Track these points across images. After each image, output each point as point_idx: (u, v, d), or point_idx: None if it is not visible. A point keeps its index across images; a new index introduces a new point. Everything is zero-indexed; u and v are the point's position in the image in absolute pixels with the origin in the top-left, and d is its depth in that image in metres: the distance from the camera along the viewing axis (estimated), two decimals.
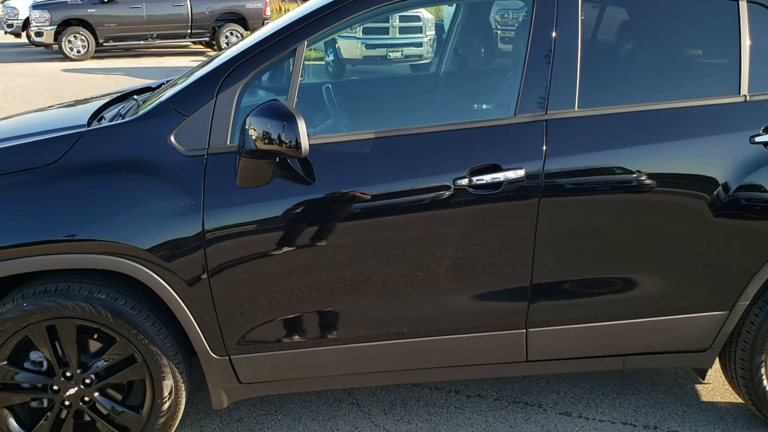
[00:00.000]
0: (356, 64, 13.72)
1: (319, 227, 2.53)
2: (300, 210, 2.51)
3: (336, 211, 2.53)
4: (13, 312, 2.49)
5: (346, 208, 2.53)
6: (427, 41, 13.70)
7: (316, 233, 2.53)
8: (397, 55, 13.94)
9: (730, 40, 2.72)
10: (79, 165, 2.51)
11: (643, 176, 2.62)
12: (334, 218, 2.53)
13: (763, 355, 2.84)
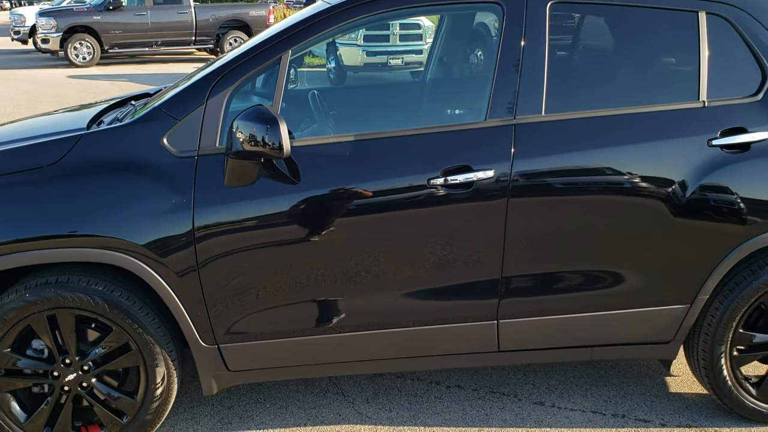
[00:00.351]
0: (357, 71, 13.93)
1: (301, 224, 2.71)
2: (283, 208, 2.69)
3: (317, 209, 2.71)
4: (16, 302, 2.67)
5: (327, 206, 2.71)
6: (427, 48, 13.90)
7: (299, 230, 2.71)
8: (398, 62, 14.16)
9: (690, 50, 2.90)
10: (79, 165, 2.70)
11: (606, 177, 2.79)
12: (315, 215, 2.71)
13: (722, 347, 3.01)
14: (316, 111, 3.40)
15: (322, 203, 2.71)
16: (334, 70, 13.81)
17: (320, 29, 2.81)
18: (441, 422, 3.14)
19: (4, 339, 2.71)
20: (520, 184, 2.73)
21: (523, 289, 2.86)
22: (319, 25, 2.81)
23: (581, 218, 2.81)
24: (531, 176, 2.75)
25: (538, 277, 2.86)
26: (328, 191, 2.71)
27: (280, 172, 2.69)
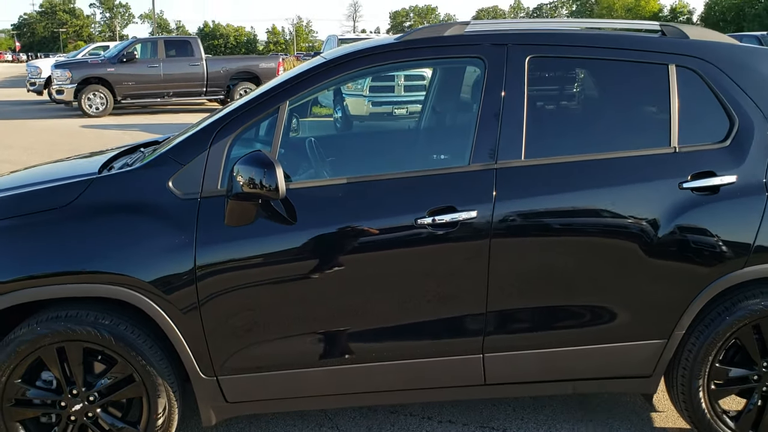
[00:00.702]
0: (363, 120, 14.26)
1: (296, 262, 2.89)
2: (280, 246, 2.88)
3: (311, 248, 2.89)
4: (28, 335, 2.85)
5: (321, 245, 2.90)
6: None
7: (294, 267, 2.89)
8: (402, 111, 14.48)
9: (662, 99, 3.10)
10: (90, 207, 2.90)
11: (583, 218, 2.97)
12: (310, 254, 2.89)
13: (700, 381, 3.13)
14: (312, 156, 3.61)
15: (316, 242, 2.89)
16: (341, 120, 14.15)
17: (316, 82, 3.05)
18: None
19: (16, 370, 2.88)
20: (501, 225, 2.91)
21: (507, 324, 3.01)
22: (315, 78, 3.05)
23: (560, 257, 2.98)
24: (512, 217, 2.93)
25: (521, 312, 3.01)
26: (322, 231, 2.90)
27: (277, 213, 2.88)
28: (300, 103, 3.19)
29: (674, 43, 3.18)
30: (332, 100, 15.77)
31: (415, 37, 3.16)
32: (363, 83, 15.08)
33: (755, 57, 3.22)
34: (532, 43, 3.10)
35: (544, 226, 2.97)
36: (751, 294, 3.10)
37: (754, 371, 3.16)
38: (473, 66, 3.26)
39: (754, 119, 3.08)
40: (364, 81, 15.09)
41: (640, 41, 3.19)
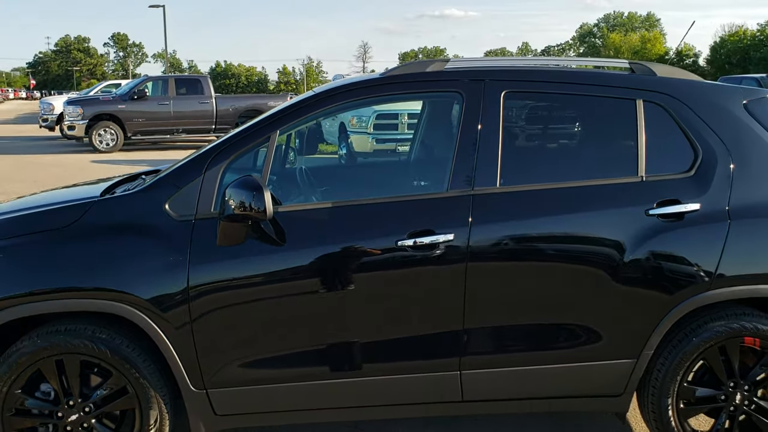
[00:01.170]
0: (367, 157, 14.51)
1: (283, 281, 3.07)
2: (268, 265, 3.07)
3: (297, 268, 3.07)
4: (29, 347, 3.03)
5: (306, 264, 3.08)
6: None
7: (281, 287, 3.07)
8: (406, 148, 14.66)
9: (630, 132, 3.30)
10: (91, 227, 3.11)
11: (554, 242, 3.15)
12: (296, 273, 3.07)
13: (669, 399, 3.27)
14: (302, 183, 3.82)
15: (301, 263, 3.08)
16: (345, 157, 14.39)
17: (305, 113, 3.28)
18: None
19: (17, 381, 3.05)
20: (477, 247, 3.09)
21: (483, 343, 3.17)
22: (304, 110, 3.28)
23: (532, 279, 3.15)
24: (487, 240, 3.11)
25: (496, 331, 3.17)
26: (307, 252, 3.09)
27: (266, 234, 3.07)
28: (290, 132, 3.40)
29: (642, 80, 3.38)
30: (337, 137, 16.08)
31: (398, 73, 3.39)
32: (367, 121, 15.38)
33: (718, 93, 3.42)
34: (508, 79, 3.32)
35: (517, 249, 3.15)
36: (717, 316, 3.25)
37: (721, 391, 3.30)
38: (453, 100, 3.46)
39: (717, 151, 3.26)
40: (368, 119, 15.38)
41: (610, 78, 3.40)
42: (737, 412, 3.31)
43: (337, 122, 16.53)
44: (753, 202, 3.24)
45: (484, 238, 3.11)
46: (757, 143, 3.32)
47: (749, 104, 3.41)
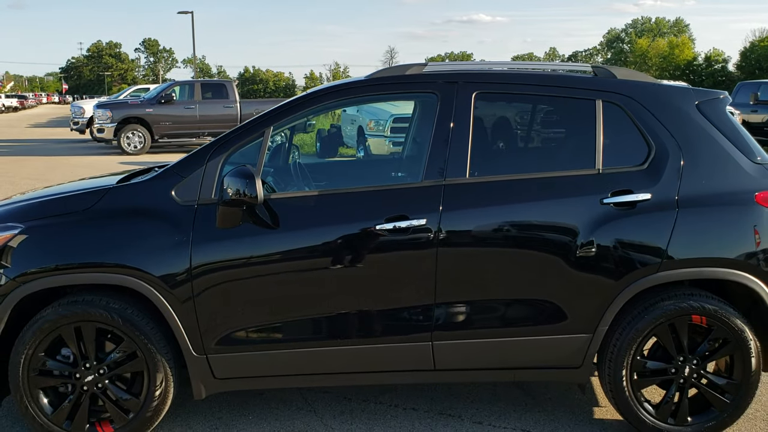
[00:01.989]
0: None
1: (276, 259, 3.47)
2: (261, 245, 3.46)
3: (289, 246, 3.47)
4: (52, 315, 3.46)
5: (295, 246, 3.47)
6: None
7: (274, 263, 3.47)
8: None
9: (590, 129, 3.65)
10: (107, 210, 3.53)
11: (518, 227, 3.51)
12: (288, 251, 3.47)
13: (624, 371, 3.60)
14: (296, 175, 4.22)
15: (291, 243, 3.47)
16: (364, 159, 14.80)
17: (296, 111, 3.68)
18: None
19: (41, 344, 3.48)
20: (447, 231, 3.46)
21: (452, 315, 3.54)
22: (295, 108, 3.68)
23: (497, 259, 3.52)
24: (456, 225, 3.48)
25: (464, 305, 3.54)
26: (297, 234, 3.48)
27: (260, 218, 3.47)
28: (283, 128, 3.81)
29: (602, 82, 3.73)
30: (355, 141, 16.50)
31: (381, 75, 3.78)
32: (385, 125, 15.78)
33: (673, 94, 3.76)
34: (478, 81, 3.69)
35: (484, 233, 3.51)
36: (666, 296, 3.59)
37: (671, 365, 3.63)
38: (429, 100, 3.83)
39: (669, 147, 3.60)
40: (386, 123, 15.77)
41: (572, 80, 3.76)
42: (686, 385, 3.64)
43: (356, 126, 16.97)
44: (700, 193, 3.57)
45: (454, 223, 3.48)
46: (706, 140, 3.65)
47: (701, 105, 3.74)
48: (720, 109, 3.78)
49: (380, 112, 15.51)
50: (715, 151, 3.65)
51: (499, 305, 3.55)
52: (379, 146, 15.25)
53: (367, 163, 5.28)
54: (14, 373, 3.49)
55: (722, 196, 3.60)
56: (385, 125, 15.46)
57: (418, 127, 4.91)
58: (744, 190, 3.61)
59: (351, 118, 17.31)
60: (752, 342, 3.59)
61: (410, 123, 4.97)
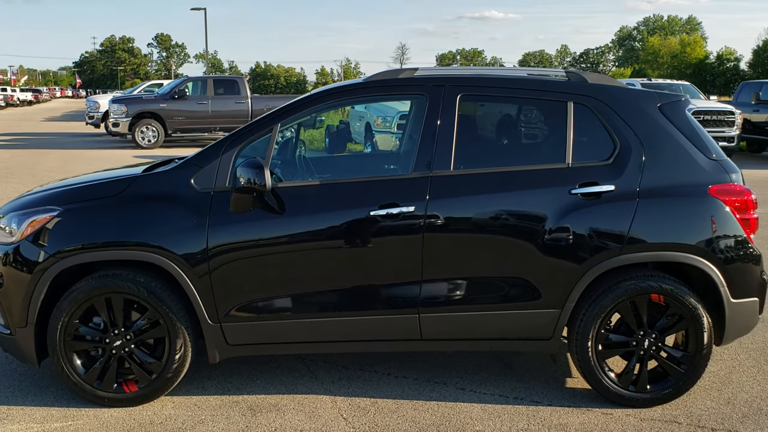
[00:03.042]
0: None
1: (282, 240, 3.94)
2: (270, 228, 3.94)
3: (294, 229, 3.95)
4: (85, 287, 3.94)
5: (300, 228, 3.95)
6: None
7: (280, 243, 3.94)
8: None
9: (561, 128, 4.11)
10: (135, 196, 4.02)
11: (496, 214, 3.97)
12: (293, 233, 3.94)
13: (589, 342, 4.06)
14: (300, 167, 4.71)
15: (296, 226, 3.95)
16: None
17: (301, 110, 4.16)
18: (383, 396, 4.24)
19: (75, 313, 3.97)
20: (433, 216, 3.93)
21: (437, 290, 4.00)
22: (300, 107, 4.16)
23: (477, 242, 3.98)
24: (441, 211, 3.94)
25: (448, 281, 4.00)
26: (301, 218, 3.96)
27: (268, 204, 3.94)
28: (290, 124, 4.28)
29: (574, 85, 4.19)
30: (363, 137, 16.96)
31: (376, 79, 4.25)
32: (392, 121, 16.23)
33: (637, 97, 4.21)
34: (463, 85, 4.16)
35: (466, 219, 3.98)
36: (628, 277, 4.04)
37: (633, 338, 4.09)
38: (419, 101, 4.29)
39: (632, 144, 4.05)
40: (393, 119, 16.21)
41: (547, 84, 4.21)
42: (646, 356, 4.10)
43: (364, 123, 17.43)
44: (660, 186, 4.02)
45: (439, 210, 3.94)
46: (667, 139, 4.11)
47: (663, 107, 4.19)
48: (680, 110, 4.23)
49: (387, 109, 15.94)
50: (674, 148, 4.09)
51: (478, 282, 4.02)
52: (386, 142, 15.70)
53: (365, 157, 5.76)
54: (52, 337, 3.98)
55: (679, 189, 4.05)
56: (392, 122, 15.89)
57: (411, 124, 5.38)
58: (699, 183, 4.06)
59: (359, 115, 17.79)
60: (705, 318, 4.04)
61: (406, 121, 5.44)
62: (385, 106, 16.00)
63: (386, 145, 15.68)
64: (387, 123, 16.40)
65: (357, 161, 5.55)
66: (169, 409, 4.05)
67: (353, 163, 5.47)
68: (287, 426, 3.87)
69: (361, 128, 17.10)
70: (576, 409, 4.11)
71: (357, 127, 17.65)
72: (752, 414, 4.06)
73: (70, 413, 3.99)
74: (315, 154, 5.26)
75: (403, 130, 5.37)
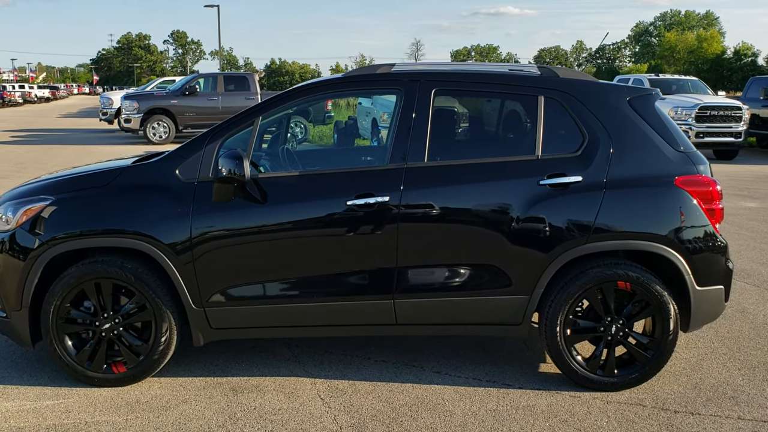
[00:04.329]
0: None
1: (262, 228, 4.13)
2: (251, 216, 4.13)
3: (273, 218, 4.13)
4: (76, 272, 4.15)
5: (280, 216, 4.13)
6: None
7: (260, 232, 4.13)
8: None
9: (532, 120, 4.26)
10: (123, 186, 4.21)
11: (467, 203, 4.14)
12: (272, 222, 4.12)
13: (558, 327, 4.20)
14: (283, 159, 4.89)
15: (277, 214, 4.13)
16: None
17: (281, 104, 4.34)
18: (361, 379, 4.42)
19: (67, 296, 4.17)
20: (407, 206, 4.09)
21: (411, 277, 4.17)
22: (281, 101, 4.34)
23: (449, 231, 4.14)
24: (414, 201, 4.11)
25: (421, 268, 4.17)
26: (281, 207, 4.14)
27: (249, 194, 4.13)
28: (270, 119, 4.46)
29: (544, 80, 4.34)
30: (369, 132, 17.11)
31: (354, 74, 4.42)
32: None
33: (607, 91, 4.35)
34: (438, 80, 4.32)
35: (439, 208, 4.13)
36: (595, 264, 4.19)
37: (600, 324, 4.23)
38: (395, 95, 4.46)
39: (600, 136, 4.20)
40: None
41: (519, 78, 4.37)
42: (613, 341, 4.24)
43: (370, 119, 17.60)
44: (626, 177, 4.17)
45: (413, 200, 4.11)
46: (634, 132, 4.25)
47: (632, 100, 4.33)
48: (649, 104, 4.36)
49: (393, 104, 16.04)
50: (641, 141, 4.23)
51: (450, 269, 4.18)
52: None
53: (348, 150, 5.93)
54: (45, 320, 4.19)
55: (646, 180, 4.19)
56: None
57: (392, 119, 5.54)
58: (666, 174, 4.19)
59: (366, 111, 17.98)
60: (671, 305, 4.18)
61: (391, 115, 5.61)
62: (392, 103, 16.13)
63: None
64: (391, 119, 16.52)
65: (338, 154, 5.73)
66: (155, 389, 4.25)
67: (334, 156, 5.65)
68: (266, 405, 4.06)
69: (368, 124, 17.28)
70: (545, 392, 4.27)
71: (364, 122, 17.85)
72: (716, 398, 4.20)
73: (62, 392, 4.20)
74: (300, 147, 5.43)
75: (390, 123, 5.54)
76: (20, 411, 3.96)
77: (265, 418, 3.91)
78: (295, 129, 15.06)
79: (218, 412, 3.98)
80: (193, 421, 3.87)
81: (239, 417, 3.92)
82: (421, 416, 3.94)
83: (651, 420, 3.92)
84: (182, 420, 3.88)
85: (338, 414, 3.96)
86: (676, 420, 3.93)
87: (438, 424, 3.86)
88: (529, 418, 3.93)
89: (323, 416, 3.94)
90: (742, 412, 4.02)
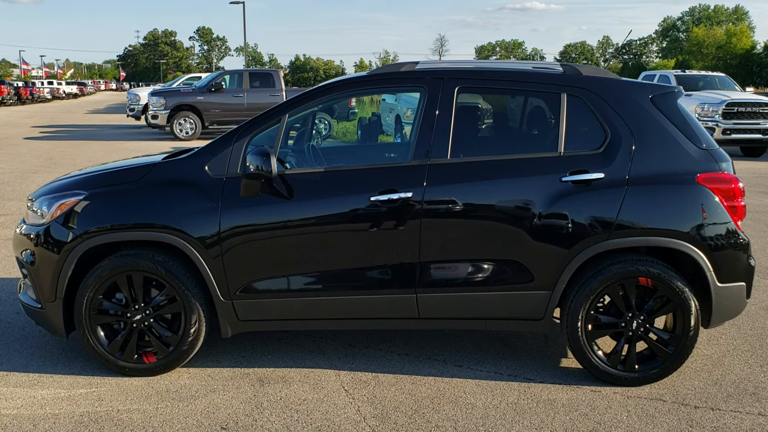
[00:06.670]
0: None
1: (289, 223, 4.22)
2: (278, 212, 4.23)
3: (299, 213, 4.22)
4: (108, 266, 4.28)
5: (306, 212, 4.22)
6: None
7: (287, 227, 4.22)
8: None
9: (555, 118, 4.31)
10: (155, 181, 4.33)
11: (490, 199, 4.20)
12: (298, 217, 4.22)
13: (579, 323, 4.25)
14: (308, 155, 4.99)
15: (302, 210, 4.22)
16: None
17: (307, 101, 4.43)
18: (384, 371, 4.50)
19: (100, 288, 4.31)
20: (429, 201, 4.17)
21: (434, 272, 4.24)
22: (307, 99, 4.43)
23: (471, 226, 4.21)
24: (437, 197, 4.18)
25: (444, 263, 4.24)
26: (307, 202, 4.23)
27: (276, 190, 4.22)
28: (297, 116, 4.56)
29: (568, 78, 4.38)
30: (393, 128, 17.23)
31: (379, 72, 4.50)
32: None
33: (629, 88, 4.38)
34: (461, 78, 4.38)
35: (460, 204, 4.20)
36: (617, 260, 4.23)
37: (621, 319, 4.28)
38: (419, 93, 4.53)
39: (622, 133, 4.24)
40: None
41: (542, 76, 4.41)
42: (634, 337, 4.28)
43: (394, 115, 17.70)
44: (648, 174, 4.20)
45: (436, 196, 4.18)
46: (657, 129, 4.28)
47: (655, 98, 4.36)
48: (672, 101, 4.39)
49: (417, 102, 16.14)
50: (663, 138, 4.27)
51: (473, 264, 4.25)
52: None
53: (370, 146, 6.02)
54: (78, 311, 4.33)
55: (668, 177, 4.22)
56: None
57: (415, 116, 5.62)
58: (688, 171, 4.22)
59: (390, 107, 18.06)
60: (692, 302, 4.21)
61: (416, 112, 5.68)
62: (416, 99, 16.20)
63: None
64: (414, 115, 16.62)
65: (362, 150, 5.83)
66: (184, 379, 4.38)
67: (359, 152, 5.74)
68: (292, 396, 4.16)
69: (392, 120, 17.37)
70: (566, 386, 4.32)
71: (388, 119, 17.93)
72: (737, 394, 4.23)
73: (94, 381, 4.34)
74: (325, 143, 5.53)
75: (413, 120, 5.62)
76: (55, 399, 4.10)
77: (291, 408, 4.01)
78: (320, 125, 15.20)
79: (245, 401, 4.09)
80: (221, 410, 3.98)
81: (266, 407, 4.02)
82: (443, 408, 4.02)
83: (671, 415, 3.96)
84: (210, 409, 3.99)
85: (362, 405, 4.05)
86: (696, 415, 3.96)
87: (459, 416, 3.93)
88: (550, 412, 3.98)
89: (347, 407, 4.03)
90: (763, 408, 4.05)
